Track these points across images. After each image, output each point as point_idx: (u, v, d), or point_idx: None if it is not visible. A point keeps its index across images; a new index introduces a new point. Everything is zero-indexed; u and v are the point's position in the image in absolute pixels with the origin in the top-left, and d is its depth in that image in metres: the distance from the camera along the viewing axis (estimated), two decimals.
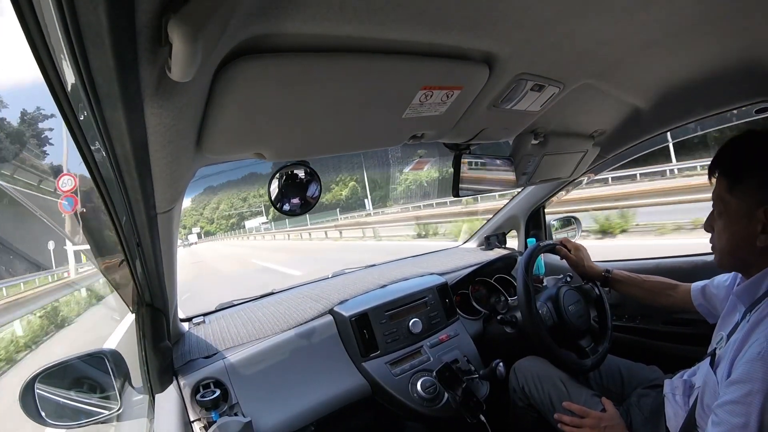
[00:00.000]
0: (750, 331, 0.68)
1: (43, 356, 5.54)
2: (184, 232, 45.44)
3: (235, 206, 56.20)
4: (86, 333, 6.45)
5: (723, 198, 0.74)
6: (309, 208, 0.83)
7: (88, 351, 0.93)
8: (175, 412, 0.91)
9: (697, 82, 0.97)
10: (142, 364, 0.98)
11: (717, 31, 0.75)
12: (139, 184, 0.52)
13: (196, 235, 46.59)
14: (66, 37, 0.29)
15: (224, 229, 54.21)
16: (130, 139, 0.43)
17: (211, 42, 0.36)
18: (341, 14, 0.45)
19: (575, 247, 1.28)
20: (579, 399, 1.05)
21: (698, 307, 1.00)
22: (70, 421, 0.87)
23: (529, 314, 1.14)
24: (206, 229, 56.62)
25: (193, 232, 50.05)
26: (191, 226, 55.13)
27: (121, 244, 0.65)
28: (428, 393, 1.15)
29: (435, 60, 0.60)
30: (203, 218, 59.99)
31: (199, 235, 51.03)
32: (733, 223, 0.73)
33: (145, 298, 0.91)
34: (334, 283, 1.54)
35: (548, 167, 1.26)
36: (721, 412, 0.65)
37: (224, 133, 0.57)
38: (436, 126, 0.81)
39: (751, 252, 0.71)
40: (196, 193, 43.15)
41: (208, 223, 58.67)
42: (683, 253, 1.40)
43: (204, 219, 59.66)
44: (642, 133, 1.28)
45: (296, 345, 1.17)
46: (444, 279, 1.47)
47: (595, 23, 0.64)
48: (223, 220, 57.36)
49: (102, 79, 0.34)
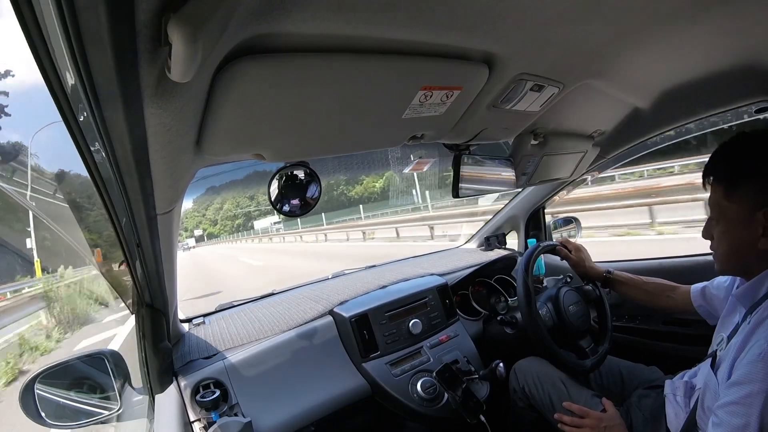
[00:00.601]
0: (751, 332, 0.68)
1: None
2: (185, 234, 44.51)
3: (241, 205, 53.97)
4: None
5: (720, 204, 0.73)
6: (309, 209, 0.83)
7: (88, 351, 0.93)
8: (175, 413, 0.91)
9: (697, 82, 0.97)
10: (142, 365, 0.98)
11: (717, 31, 0.75)
12: (139, 184, 0.52)
13: (194, 239, 45.24)
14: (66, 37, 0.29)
15: (229, 231, 52.51)
16: (130, 139, 0.43)
17: (210, 42, 0.36)
18: (341, 14, 0.45)
19: (576, 247, 1.28)
20: (579, 399, 1.05)
21: (698, 309, 0.99)
22: (70, 422, 0.87)
23: (530, 315, 1.14)
24: (209, 231, 55.24)
25: (195, 235, 49.20)
26: (193, 228, 54.00)
27: (121, 244, 0.65)
28: (428, 393, 1.14)
29: (435, 60, 0.60)
30: (206, 219, 58.54)
31: (200, 238, 49.99)
32: (732, 229, 0.72)
33: (145, 298, 0.91)
34: (334, 283, 1.54)
35: (548, 168, 1.26)
36: (721, 413, 0.65)
37: (224, 134, 0.57)
38: (435, 126, 0.81)
39: (752, 256, 0.71)
40: (198, 194, 41.48)
41: (211, 225, 57.18)
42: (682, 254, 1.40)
43: (207, 220, 58.17)
44: (642, 133, 1.28)
45: (296, 345, 1.17)
46: (444, 279, 1.47)
47: (594, 23, 0.64)
48: (227, 221, 55.46)
49: (102, 80, 0.34)
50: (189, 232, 47.87)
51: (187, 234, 45.71)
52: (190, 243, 39.16)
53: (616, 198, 7.13)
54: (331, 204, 32.54)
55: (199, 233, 52.62)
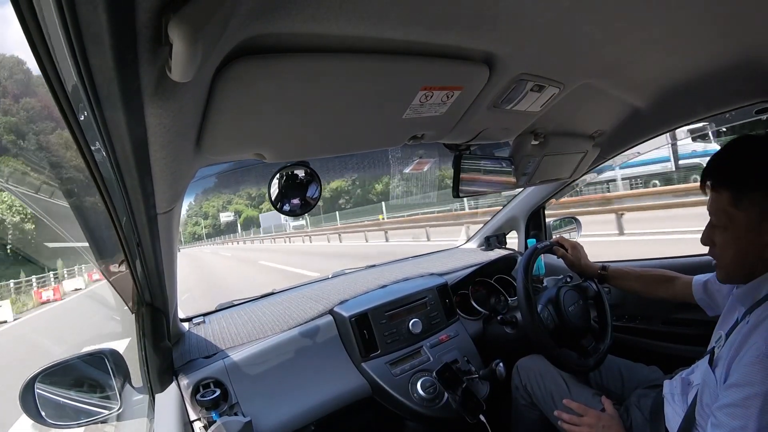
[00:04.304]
0: (749, 333, 0.68)
1: None
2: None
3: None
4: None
5: (727, 212, 0.70)
6: (309, 208, 0.84)
7: (88, 351, 0.93)
8: (175, 412, 0.91)
9: (697, 82, 0.97)
10: (142, 364, 0.98)
11: (717, 31, 0.75)
12: (139, 184, 0.52)
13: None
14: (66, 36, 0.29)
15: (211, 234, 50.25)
16: (130, 139, 0.43)
17: (211, 42, 0.36)
18: (341, 14, 0.45)
19: (571, 245, 1.28)
20: (580, 397, 1.05)
21: (699, 301, 0.99)
22: (70, 421, 0.86)
23: (531, 319, 1.13)
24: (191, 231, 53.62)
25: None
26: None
27: (121, 244, 0.65)
28: (428, 393, 1.14)
29: (435, 60, 0.60)
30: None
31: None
32: (739, 236, 0.70)
33: (145, 297, 0.91)
34: (334, 283, 1.54)
35: (548, 168, 1.26)
36: (720, 414, 0.65)
37: (224, 134, 0.57)
38: (436, 126, 0.81)
39: (758, 263, 0.70)
40: (196, 193, 39.58)
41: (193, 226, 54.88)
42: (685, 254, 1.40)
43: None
44: (642, 133, 1.28)
45: (296, 345, 1.17)
46: (444, 279, 1.47)
47: (594, 23, 0.64)
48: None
49: (102, 79, 0.34)
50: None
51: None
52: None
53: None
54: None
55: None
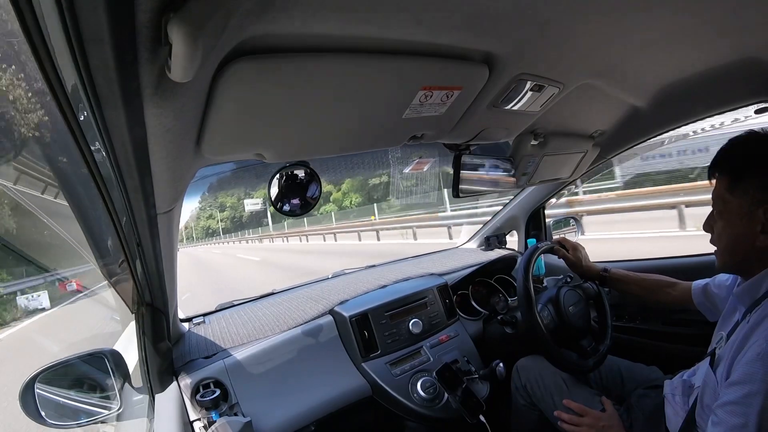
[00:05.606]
0: (750, 331, 0.68)
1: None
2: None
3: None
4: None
5: (723, 197, 0.74)
6: (309, 208, 0.84)
7: (88, 351, 0.93)
8: (175, 412, 0.91)
9: (697, 82, 0.97)
10: (142, 364, 0.98)
11: (717, 31, 0.75)
12: (139, 184, 0.52)
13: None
14: (66, 36, 0.29)
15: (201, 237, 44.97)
16: (130, 139, 0.43)
17: (210, 42, 0.36)
18: (341, 14, 0.45)
19: (573, 246, 1.28)
20: (580, 397, 1.05)
21: (699, 306, 1.00)
22: (70, 421, 0.86)
23: (531, 320, 1.13)
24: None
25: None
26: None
27: (122, 244, 0.65)
28: (428, 393, 1.14)
29: (435, 60, 0.60)
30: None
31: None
32: (733, 223, 0.73)
33: (145, 297, 0.91)
34: (334, 283, 1.54)
35: (548, 168, 1.26)
36: (720, 412, 0.65)
37: (224, 134, 0.57)
38: (436, 126, 0.81)
39: (750, 252, 0.72)
40: (197, 193, 36.74)
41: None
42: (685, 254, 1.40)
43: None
44: (642, 133, 1.28)
45: (296, 345, 1.17)
46: (444, 279, 1.47)
47: (594, 23, 0.64)
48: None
49: (102, 79, 0.34)
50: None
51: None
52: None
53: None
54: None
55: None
